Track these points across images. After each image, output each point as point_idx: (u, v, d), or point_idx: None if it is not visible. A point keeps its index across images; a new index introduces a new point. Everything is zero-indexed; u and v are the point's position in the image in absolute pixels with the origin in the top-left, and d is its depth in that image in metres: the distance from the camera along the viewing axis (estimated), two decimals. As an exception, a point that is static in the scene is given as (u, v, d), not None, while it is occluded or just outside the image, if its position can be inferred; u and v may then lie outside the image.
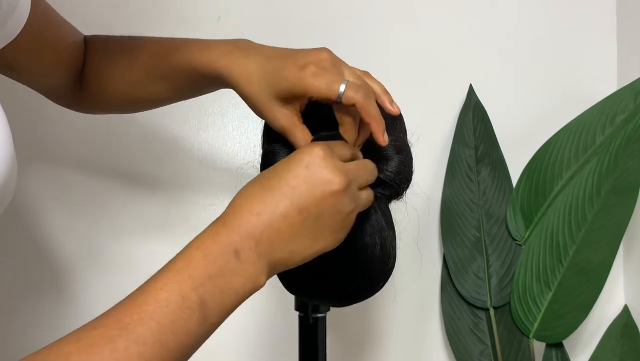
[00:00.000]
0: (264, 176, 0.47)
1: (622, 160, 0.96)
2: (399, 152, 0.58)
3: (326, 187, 0.45)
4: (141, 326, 0.36)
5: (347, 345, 1.11)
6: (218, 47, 0.57)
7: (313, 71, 0.53)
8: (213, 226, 0.45)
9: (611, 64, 1.14)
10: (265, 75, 0.55)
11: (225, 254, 0.42)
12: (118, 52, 0.67)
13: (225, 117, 1.11)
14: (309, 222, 0.45)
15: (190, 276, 0.40)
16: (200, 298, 0.39)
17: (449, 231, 1.05)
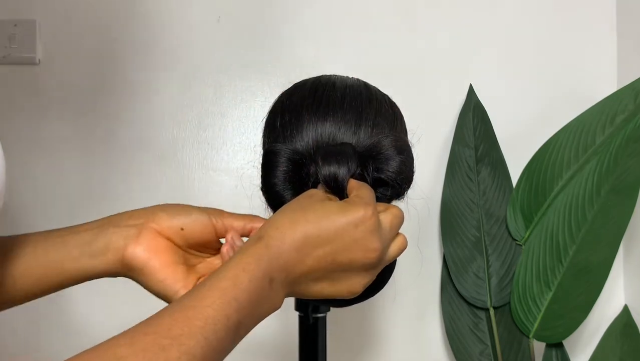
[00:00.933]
0: (312, 208, 0.48)
1: (622, 160, 0.95)
2: (400, 152, 0.58)
3: (367, 251, 0.48)
4: (192, 340, 0.38)
5: (348, 345, 1.11)
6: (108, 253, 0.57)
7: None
8: (256, 245, 0.45)
9: (611, 64, 1.14)
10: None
11: (264, 281, 0.44)
12: (13, 259, 0.58)
13: (225, 118, 1.11)
14: (337, 271, 0.48)
15: (235, 300, 0.41)
16: (239, 321, 0.41)
17: (449, 231, 1.05)
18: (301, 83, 0.64)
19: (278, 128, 0.60)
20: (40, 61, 1.11)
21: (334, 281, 0.49)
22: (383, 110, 0.60)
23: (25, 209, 1.09)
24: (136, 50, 1.12)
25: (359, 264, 0.48)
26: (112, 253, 0.53)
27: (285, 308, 1.04)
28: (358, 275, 0.49)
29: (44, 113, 1.10)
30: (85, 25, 1.12)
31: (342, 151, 0.55)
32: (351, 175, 0.54)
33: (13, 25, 1.09)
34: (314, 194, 0.51)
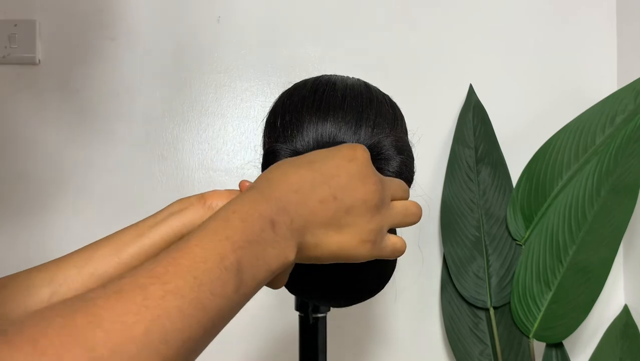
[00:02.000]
0: (301, 158, 0.47)
1: (622, 160, 0.96)
2: (400, 152, 0.58)
3: (365, 184, 0.46)
4: (179, 279, 0.33)
5: (348, 344, 1.11)
6: None
7: None
8: (248, 193, 0.42)
9: (611, 64, 1.14)
10: None
11: (262, 222, 0.40)
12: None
13: (226, 118, 1.11)
14: (340, 212, 0.45)
15: (228, 238, 0.37)
16: (237, 262, 0.37)
17: (449, 231, 1.05)
18: (301, 83, 0.64)
19: (278, 128, 0.60)
20: (40, 61, 1.11)
21: (342, 228, 0.45)
22: (383, 110, 0.60)
23: (24, 209, 1.09)
24: (136, 50, 1.12)
25: (361, 202, 0.46)
26: (177, 217, 0.51)
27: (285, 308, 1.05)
28: (364, 217, 0.46)
29: (44, 113, 1.10)
30: (85, 25, 1.12)
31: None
32: None
33: (13, 25, 1.09)
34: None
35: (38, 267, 0.48)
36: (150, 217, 0.52)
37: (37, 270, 0.48)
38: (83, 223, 1.08)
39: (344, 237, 0.46)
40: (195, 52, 1.12)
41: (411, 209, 0.52)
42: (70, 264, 0.48)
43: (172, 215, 0.51)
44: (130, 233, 0.50)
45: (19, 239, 1.08)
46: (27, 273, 0.48)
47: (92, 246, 0.50)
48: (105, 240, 0.50)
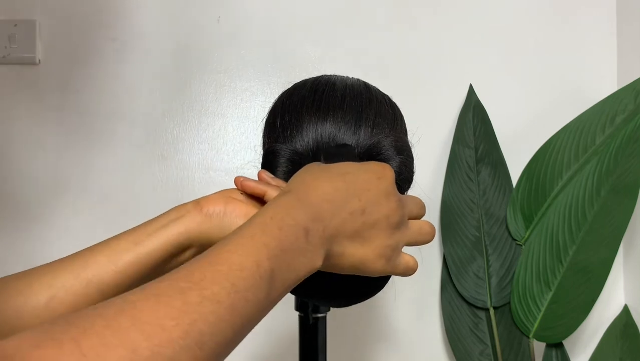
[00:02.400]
0: (333, 168, 0.48)
1: (622, 160, 0.95)
2: (400, 152, 0.58)
3: (389, 201, 0.48)
4: (216, 285, 0.34)
5: (348, 344, 1.11)
6: None
7: None
8: (284, 198, 0.43)
9: (611, 64, 1.14)
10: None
11: (297, 230, 0.41)
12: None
13: (226, 118, 1.11)
14: (367, 226, 0.46)
15: (265, 245, 0.38)
16: (271, 270, 0.38)
17: (449, 231, 1.05)
18: (301, 83, 0.64)
19: (278, 128, 0.60)
20: (40, 61, 1.11)
21: (365, 241, 0.47)
22: (383, 110, 0.60)
23: (24, 209, 1.09)
24: (136, 50, 1.12)
25: (384, 218, 0.47)
26: (175, 225, 0.50)
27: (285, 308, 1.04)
28: (385, 233, 0.48)
29: (44, 113, 1.10)
30: (85, 25, 1.12)
31: (343, 153, 0.55)
32: None
33: (13, 25, 1.09)
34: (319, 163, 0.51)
35: (35, 271, 0.48)
36: (147, 224, 0.51)
37: (35, 274, 0.47)
38: (83, 222, 1.08)
39: (365, 250, 0.47)
40: (195, 52, 1.12)
41: (425, 229, 0.54)
42: (67, 269, 0.47)
43: (170, 223, 0.50)
44: (126, 240, 0.49)
45: (19, 239, 1.08)
46: (23, 275, 0.47)
47: (88, 252, 0.49)
48: (101, 246, 0.49)
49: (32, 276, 0.47)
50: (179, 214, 0.51)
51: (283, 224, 0.40)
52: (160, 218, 0.52)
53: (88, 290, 0.47)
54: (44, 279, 0.47)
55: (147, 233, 0.50)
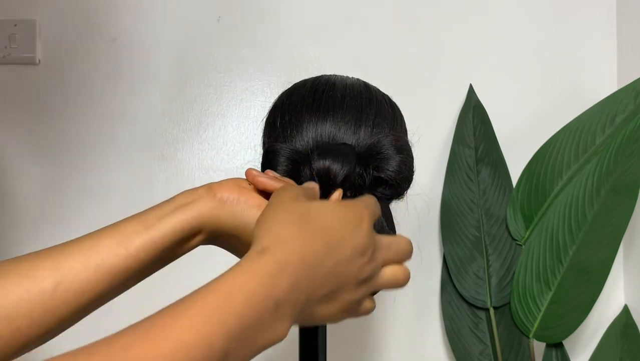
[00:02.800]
0: (315, 219, 0.43)
1: (622, 160, 0.95)
2: (400, 151, 0.58)
3: (362, 257, 0.44)
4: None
5: (348, 345, 1.11)
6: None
7: None
8: (260, 263, 0.38)
9: (611, 64, 1.14)
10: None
11: (267, 305, 0.36)
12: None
13: (225, 118, 1.11)
14: (337, 287, 0.43)
15: (224, 324, 0.34)
16: (225, 351, 0.33)
17: (449, 231, 1.05)
18: (301, 83, 0.64)
19: (278, 128, 0.60)
20: (40, 61, 1.11)
21: (331, 300, 0.43)
22: (383, 110, 0.60)
23: (24, 209, 1.09)
24: (136, 50, 1.12)
25: (353, 276, 0.44)
26: (186, 209, 0.49)
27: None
28: (352, 290, 0.44)
29: (44, 113, 1.10)
30: (85, 25, 1.12)
31: (339, 149, 0.55)
32: (347, 174, 0.54)
33: (13, 25, 1.09)
34: (296, 195, 0.46)
35: (40, 253, 0.45)
36: (156, 208, 0.50)
37: (41, 258, 0.45)
38: (83, 222, 1.08)
39: (331, 308, 0.44)
40: (195, 52, 1.12)
41: (398, 279, 0.51)
42: (75, 254, 0.45)
43: (181, 207, 0.49)
44: (135, 225, 0.48)
45: (18, 239, 1.08)
46: (26, 259, 0.45)
47: (95, 236, 0.47)
48: (107, 230, 0.48)
49: (35, 260, 0.45)
50: (190, 198, 0.50)
51: (252, 297, 0.35)
52: (170, 202, 0.51)
53: (97, 276, 0.45)
54: (50, 263, 0.44)
55: (157, 217, 0.48)
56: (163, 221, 0.48)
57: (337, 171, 0.54)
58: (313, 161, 0.55)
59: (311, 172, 0.55)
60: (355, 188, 0.57)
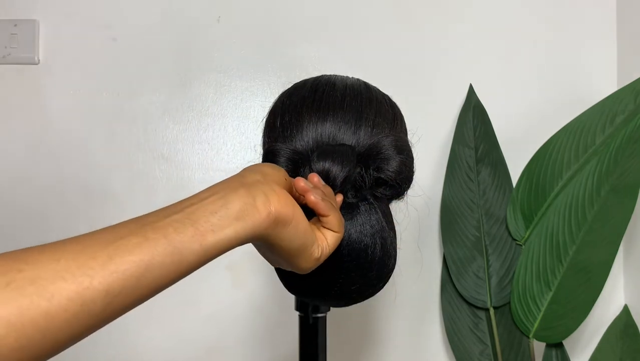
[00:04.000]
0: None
1: (622, 160, 0.95)
2: (400, 152, 0.58)
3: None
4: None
5: (348, 344, 1.11)
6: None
7: None
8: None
9: (611, 64, 1.14)
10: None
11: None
12: None
13: (226, 118, 1.11)
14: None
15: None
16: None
17: (449, 231, 1.05)
18: (301, 83, 0.64)
19: (278, 128, 0.60)
20: (40, 61, 1.11)
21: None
22: (383, 110, 0.60)
23: (24, 209, 1.09)
24: (136, 50, 1.12)
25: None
26: (243, 224, 0.42)
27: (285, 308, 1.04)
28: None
29: (44, 113, 1.10)
30: (86, 25, 1.12)
31: (339, 151, 0.55)
32: (347, 176, 0.54)
33: (13, 25, 1.09)
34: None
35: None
36: (209, 212, 0.41)
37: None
38: (83, 222, 1.08)
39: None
40: (195, 52, 1.12)
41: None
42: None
43: (238, 220, 0.42)
44: (190, 239, 0.40)
45: (17, 239, 1.08)
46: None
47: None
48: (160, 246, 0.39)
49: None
50: (247, 210, 0.43)
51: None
52: (223, 205, 0.42)
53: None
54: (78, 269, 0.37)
55: (213, 229, 0.41)
56: (219, 234, 0.41)
57: (337, 173, 0.54)
58: (313, 163, 0.55)
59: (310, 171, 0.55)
60: (356, 188, 0.57)
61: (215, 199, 0.43)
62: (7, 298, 0.32)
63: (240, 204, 0.43)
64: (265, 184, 0.46)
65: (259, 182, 0.45)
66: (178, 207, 0.42)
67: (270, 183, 0.46)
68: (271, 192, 0.45)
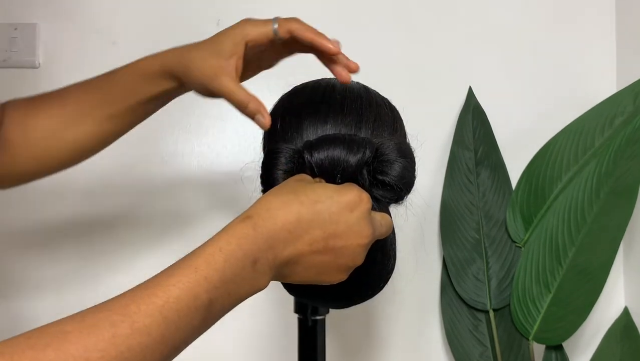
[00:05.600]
0: (305, 191, 0.47)
1: (621, 162, 0.96)
2: (403, 155, 0.58)
3: (359, 240, 0.48)
4: (148, 318, 0.36)
5: (347, 347, 1.11)
6: (162, 52, 0.64)
7: (247, 20, 0.61)
8: (241, 224, 0.44)
9: (610, 65, 1.15)
10: (208, 48, 0.60)
11: (245, 261, 0.42)
12: (45, 99, 0.66)
13: (225, 121, 1.12)
14: (325, 260, 0.47)
15: (206, 279, 0.40)
16: (209, 300, 0.40)
17: (449, 233, 1.05)
18: (301, 86, 0.64)
19: (278, 130, 0.60)
20: (41, 65, 1.11)
21: (321, 270, 0.48)
22: (382, 113, 0.60)
23: (25, 210, 1.09)
24: (136, 53, 1.12)
25: (349, 252, 0.47)
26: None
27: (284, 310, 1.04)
28: (346, 262, 0.48)
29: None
30: (86, 29, 1.12)
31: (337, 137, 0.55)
32: (358, 162, 0.54)
33: (13, 28, 1.10)
34: (303, 178, 0.51)
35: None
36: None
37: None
38: (84, 225, 1.09)
39: (321, 278, 0.49)
40: (195, 55, 1.12)
41: (389, 224, 0.55)
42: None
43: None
44: None
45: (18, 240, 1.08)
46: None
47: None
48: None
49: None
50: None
51: (230, 257, 0.41)
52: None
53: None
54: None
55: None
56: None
57: (339, 156, 0.54)
58: (314, 151, 0.54)
59: (311, 166, 0.54)
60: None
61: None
62: None
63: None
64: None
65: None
66: None
67: None
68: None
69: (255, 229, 0.43)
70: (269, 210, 0.45)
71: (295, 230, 0.45)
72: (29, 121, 0.63)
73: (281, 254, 0.45)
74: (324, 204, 0.46)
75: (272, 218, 0.45)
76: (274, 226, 0.44)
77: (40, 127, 0.64)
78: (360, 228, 0.47)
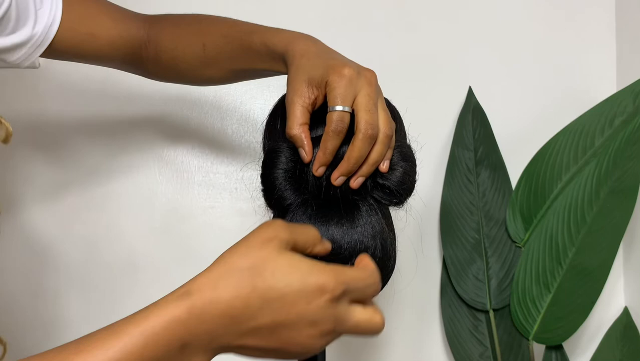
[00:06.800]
0: (264, 273, 0.40)
1: (621, 162, 0.96)
2: (405, 159, 0.58)
3: (312, 331, 0.41)
4: None
5: (347, 347, 1.11)
6: (291, 32, 0.66)
7: (343, 73, 0.54)
8: (175, 303, 0.39)
9: (610, 65, 1.15)
10: (315, 58, 0.58)
11: (170, 346, 0.38)
12: (191, 33, 0.73)
13: (225, 120, 1.12)
14: (274, 347, 0.42)
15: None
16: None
17: (449, 233, 1.05)
18: (302, 86, 0.64)
19: (278, 130, 0.60)
20: (41, 65, 1.11)
21: (271, 353, 0.42)
22: None
23: (25, 210, 1.09)
24: (136, 53, 1.12)
25: (299, 340, 0.41)
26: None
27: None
28: (298, 350, 0.42)
29: (44, 116, 1.10)
30: (85, 29, 1.12)
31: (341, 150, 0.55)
32: None
33: (13, 28, 1.09)
34: (272, 239, 0.42)
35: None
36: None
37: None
38: (84, 225, 1.08)
39: (272, 356, 0.43)
40: (195, 55, 1.12)
41: (373, 326, 0.45)
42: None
43: None
44: None
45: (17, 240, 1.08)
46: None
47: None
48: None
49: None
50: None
51: (152, 343, 0.37)
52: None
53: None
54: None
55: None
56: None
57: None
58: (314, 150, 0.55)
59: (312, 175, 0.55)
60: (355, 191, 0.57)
61: None
62: None
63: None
64: None
65: None
66: None
67: None
68: None
69: (190, 312, 0.38)
70: (215, 289, 0.39)
71: (240, 316, 0.39)
72: (176, 52, 0.74)
73: (220, 339, 0.40)
74: (280, 292, 0.40)
75: (215, 300, 0.39)
76: (215, 310, 0.39)
77: (183, 65, 0.74)
78: (316, 319, 0.41)
